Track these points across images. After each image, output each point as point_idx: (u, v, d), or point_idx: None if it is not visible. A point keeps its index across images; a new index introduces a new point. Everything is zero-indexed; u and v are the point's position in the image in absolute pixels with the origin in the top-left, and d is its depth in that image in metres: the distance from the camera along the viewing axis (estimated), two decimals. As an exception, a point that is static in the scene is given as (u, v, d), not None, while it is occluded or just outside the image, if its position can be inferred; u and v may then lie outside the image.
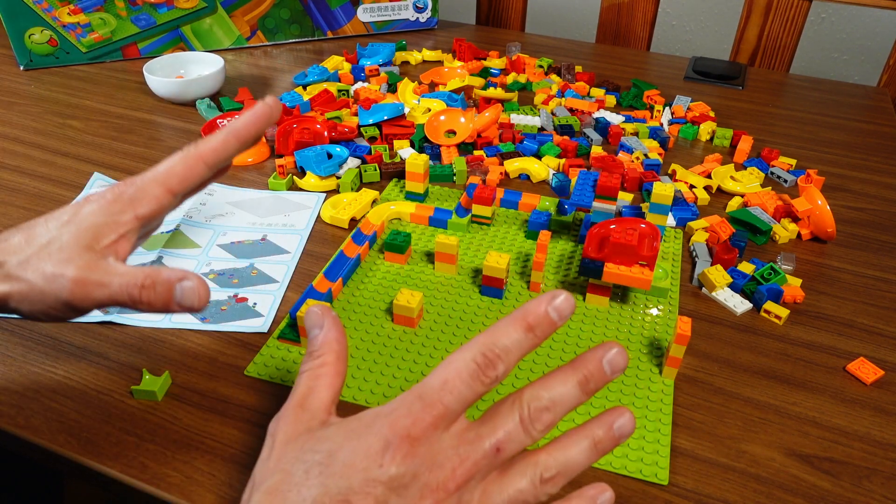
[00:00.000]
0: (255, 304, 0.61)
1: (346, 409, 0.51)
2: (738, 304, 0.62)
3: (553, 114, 0.96)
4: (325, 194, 0.77)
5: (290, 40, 1.22)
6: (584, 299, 0.63)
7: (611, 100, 1.01)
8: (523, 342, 0.33)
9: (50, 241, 0.39)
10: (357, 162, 0.81)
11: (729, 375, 0.56)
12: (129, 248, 0.41)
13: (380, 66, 1.09)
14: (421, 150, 0.86)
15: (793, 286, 0.64)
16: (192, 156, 0.42)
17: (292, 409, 0.35)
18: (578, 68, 1.11)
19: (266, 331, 0.58)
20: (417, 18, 1.28)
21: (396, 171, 0.80)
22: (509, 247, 0.70)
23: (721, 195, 0.80)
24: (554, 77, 1.09)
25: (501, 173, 0.82)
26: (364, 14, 1.24)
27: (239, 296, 0.62)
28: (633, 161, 0.83)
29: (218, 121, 0.86)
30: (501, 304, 0.62)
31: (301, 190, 0.78)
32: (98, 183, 0.78)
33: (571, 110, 0.98)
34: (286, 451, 0.33)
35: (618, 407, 0.35)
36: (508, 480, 0.33)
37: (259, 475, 0.34)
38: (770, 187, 0.81)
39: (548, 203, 0.74)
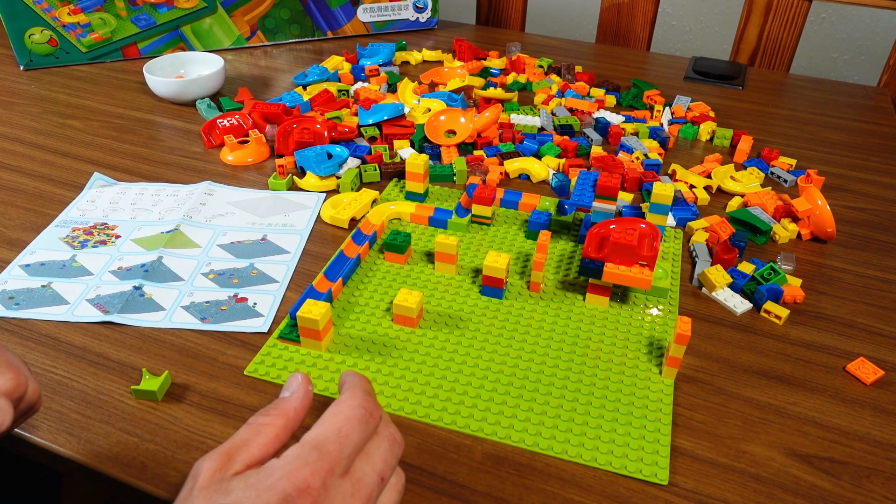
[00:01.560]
0: (255, 304, 0.61)
1: (346, 409, 0.51)
2: (738, 304, 0.62)
3: (553, 114, 0.96)
4: (325, 194, 0.77)
5: (290, 40, 1.22)
6: (584, 299, 0.63)
7: (611, 100, 1.01)
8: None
9: None
10: (357, 162, 0.81)
11: (729, 375, 0.56)
12: None
13: (380, 66, 1.09)
14: (421, 150, 0.86)
15: (793, 286, 0.64)
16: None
17: (219, 455, 0.34)
18: (578, 68, 1.11)
19: (266, 331, 0.58)
20: (417, 18, 1.28)
21: (396, 171, 0.80)
22: (509, 247, 0.70)
23: (721, 195, 0.80)
24: (554, 77, 1.09)
25: (501, 173, 0.82)
26: (364, 14, 1.24)
27: (239, 296, 0.62)
28: (633, 161, 0.83)
29: (218, 121, 0.86)
30: (501, 304, 0.62)
31: (301, 190, 0.78)
32: (98, 183, 0.78)
33: (571, 110, 0.98)
34: (198, 498, 0.32)
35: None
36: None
37: None
38: (770, 187, 0.81)
39: (548, 203, 0.74)
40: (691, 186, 0.80)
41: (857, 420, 0.52)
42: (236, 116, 0.88)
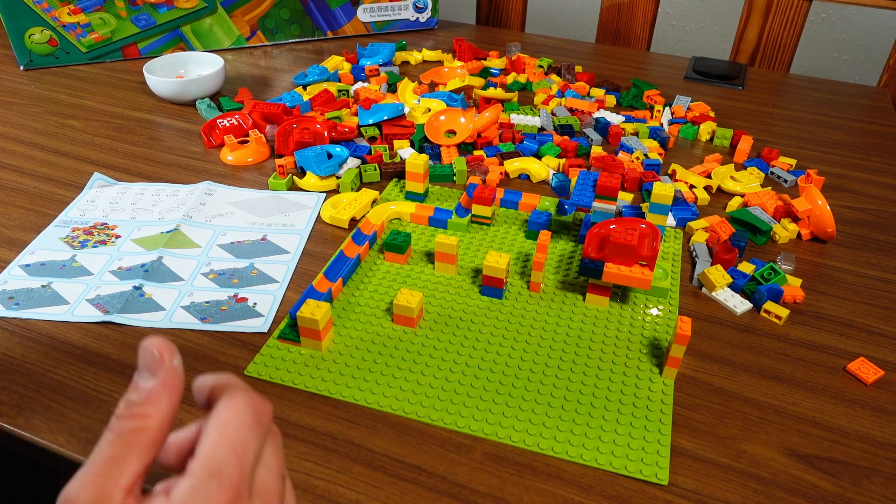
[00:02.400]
0: (255, 304, 0.61)
1: (346, 409, 0.51)
2: (738, 304, 0.62)
3: (553, 114, 0.96)
4: (325, 194, 0.77)
5: (290, 40, 1.22)
6: (584, 299, 0.63)
7: (611, 100, 1.01)
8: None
9: None
10: (357, 162, 0.81)
11: (729, 375, 0.56)
12: None
13: (380, 66, 1.09)
14: (421, 150, 0.86)
15: (793, 286, 0.64)
16: None
17: (88, 487, 0.27)
18: (578, 68, 1.11)
19: (266, 331, 0.58)
20: (417, 18, 1.28)
21: (396, 171, 0.80)
22: (509, 247, 0.70)
23: (721, 195, 0.80)
24: (554, 77, 1.09)
25: (501, 173, 0.82)
26: (364, 14, 1.24)
27: (239, 296, 0.62)
28: (633, 161, 0.83)
29: (218, 121, 0.86)
30: (501, 304, 0.62)
31: (301, 190, 0.78)
32: (98, 183, 0.78)
33: (571, 110, 0.98)
34: None
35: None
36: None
37: None
38: (770, 187, 0.81)
39: (548, 203, 0.74)
40: (691, 186, 0.80)
41: (857, 420, 0.52)
42: (236, 116, 0.88)
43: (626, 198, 0.75)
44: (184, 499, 0.26)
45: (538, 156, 0.85)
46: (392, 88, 1.03)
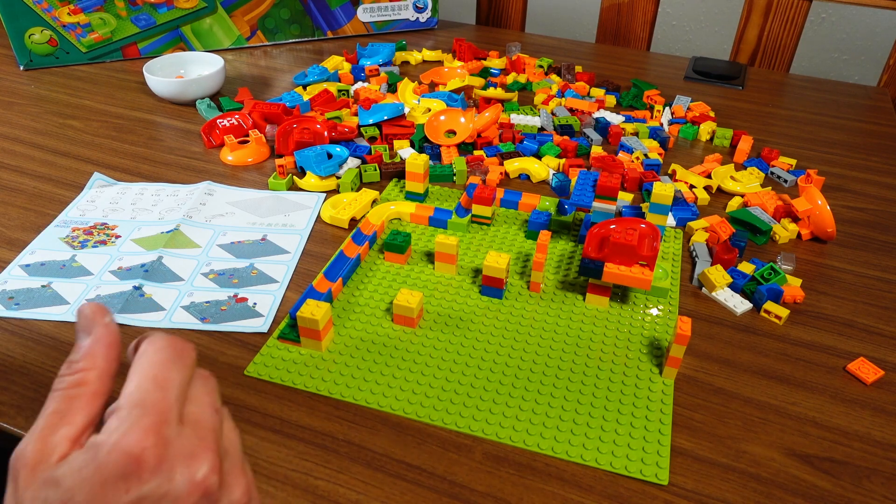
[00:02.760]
0: (255, 304, 0.61)
1: (346, 409, 0.51)
2: (738, 304, 0.62)
3: (553, 114, 0.96)
4: (325, 194, 0.77)
5: (290, 40, 1.22)
6: (584, 299, 0.63)
7: (611, 100, 1.01)
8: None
9: None
10: (357, 162, 0.81)
11: (729, 375, 0.56)
12: None
13: (380, 66, 1.09)
14: (421, 150, 0.86)
15: (793, 286, 0.64)
16: None
17: (35, 442, 0.29)
18: (578, 68, 1.11)
19: (266, 331, 0.58)
20: (417, 18, 1.28)
21: (396, 171, 0.80)
22: (509, 247, 0.70)
23: (721, 195, 0.80)
24: (554, 77, 1.09)
25: (501, 173, 0.82)
26: (364, 14, 1.24)
27: (239, 296, 0.62)
28: (633, 161, 0.83)
29: (218, 121, 0.86)
30: (501, 304, 0.62)
31: (301, 190, 0.78)
32: (98, 183, 0.78)
33: (571, 110, 0.98)
34: (25, 499, 0.28)
35: None
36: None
37: None
38: (770, 187, 0.81)
39: (548, 203, 0.74)
40: (691, 186, 0.80)
41: (857, 420, 0.52)
42: (236, 116, 0.88)
43: (626, 198, 0.75)
44: (112, 429, 0.28)
45: (538, 156, 0.85)
46: (392, 88, 1.03)
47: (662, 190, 0.66)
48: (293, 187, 0.79)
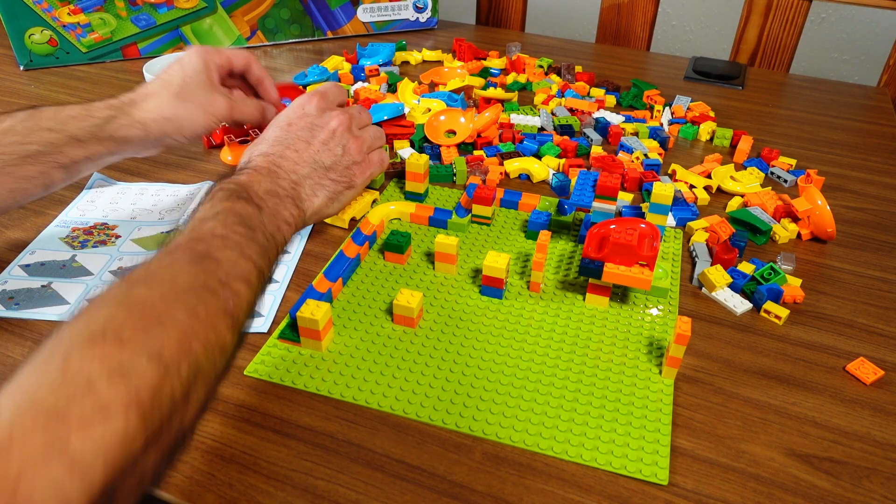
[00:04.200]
0: (255, 304, 0.61)
1: (346, 409, 0.51)
2: (738, 304, 0.62)
3: (553, 114, 0.96)
4: (325, 194, 0.77)
5: (290, 40, 1.22)
6: (584, 299, 0.63)
7: (611, 100, 1.01)
8: None
9: (185, 83, 0.65)
10: (357, 162, 0.81)
11: (729, 375, 0.56)
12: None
13: (380, 66, 1.09)
14: (421, 150, 0.86)
15: (793, 286, 0.64)
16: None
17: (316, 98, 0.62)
18: (578, 68, 1.11)
19: (266, 331, 0.58)
20: (417, 18, 1.28)
21: (396, 171, 0.80)
22: (509, 247, 0.70)
23: (721, 195, 0.80)
24: (554, 77, 1.09)
25: (501, 173, 0.82)
26: (364, 14, 1.24)
27: (239, 296, 0.62)
28: (633, 161, 0.83)
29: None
30: (501, 304, 0.62)
31: (301, 190, 0.78)
32: (98, 183, 0.78)
33: (571, 110, 0.98)
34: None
35: None
36: None
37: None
38: (770, 187, 0.81)
39: (548, 203, 0.74)
40: (691, 186, 0.80)
41: (857, 420, 0.52)
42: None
43: (626, 198, 0.75)
44: (279, 119, 0.61)
45: (538, 156, 0.85)
46: (392, 88, 1.03)
47: (662, 190, 0.66)
48: (293, 187, 0.79)
